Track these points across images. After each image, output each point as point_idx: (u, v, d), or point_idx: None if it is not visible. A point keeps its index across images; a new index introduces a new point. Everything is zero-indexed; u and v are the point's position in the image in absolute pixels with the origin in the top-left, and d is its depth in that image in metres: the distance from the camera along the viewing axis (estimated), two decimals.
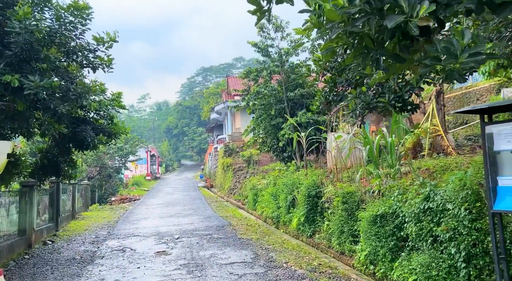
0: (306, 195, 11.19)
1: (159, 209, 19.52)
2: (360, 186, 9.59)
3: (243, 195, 21.58)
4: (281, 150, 19.41)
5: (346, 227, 8.98)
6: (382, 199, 7.95)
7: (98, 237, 12.75)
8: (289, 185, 13.11)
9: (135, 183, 37.58)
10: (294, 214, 12.27)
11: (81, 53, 7.78)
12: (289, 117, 17.59)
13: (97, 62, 8.22)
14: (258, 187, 17.68)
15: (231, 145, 30.57)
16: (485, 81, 18.47)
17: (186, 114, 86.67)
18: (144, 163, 47.49)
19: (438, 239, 6.22)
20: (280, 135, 18.49)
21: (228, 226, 13.52)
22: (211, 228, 13.12)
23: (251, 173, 22.73)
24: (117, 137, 12.35)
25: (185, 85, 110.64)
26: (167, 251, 9.98)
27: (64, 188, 16.23)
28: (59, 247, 11.15)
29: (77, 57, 7.96)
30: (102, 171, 31.52)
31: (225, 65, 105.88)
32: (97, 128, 11.99)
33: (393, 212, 7.33)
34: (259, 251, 9.34)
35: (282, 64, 19.83)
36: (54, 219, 14.03)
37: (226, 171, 28.25)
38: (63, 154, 12.08)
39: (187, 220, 15.19)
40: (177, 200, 23.40)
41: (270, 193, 14.88)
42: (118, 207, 23.11)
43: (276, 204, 14.12)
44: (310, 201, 11.09)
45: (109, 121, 12.34)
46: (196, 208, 19.25)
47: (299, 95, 19.01)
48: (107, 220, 16.94)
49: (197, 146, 78.87)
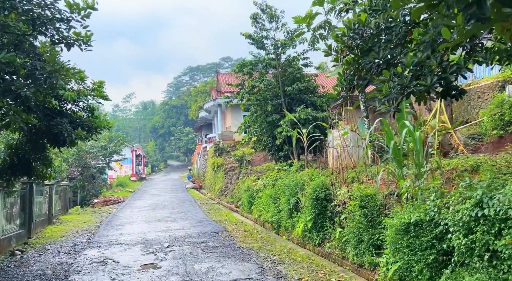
0: (314, 197, 9.91)
1: (146, 213, 18.02)
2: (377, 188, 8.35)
3: (236, 197, 20.23)
4: (277, 148, 18.11)
5: (366, 236, 7.71)
6: (413, 204, 6.70)
7: (76, 245, 11.26)
8: (291, 187, 11.82)
9: (119, 184, 35.87)
10: (298, 219, 10.98)
11: (51, 24, 6.34)
12: (287, 113, 16.29)
13: (72, 37, 6.76)
14: (253, 188, 16.35)
15: (222, 144, 29.18)
16: (487, 78, 17.51)
17: (173, 113, 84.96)
18: (129, 163, 45.68)
19: (498, 255, 4.99)
20: (277, 132, 17.20)
21: (223, 232, 12.16)
22: (205, 235, 11.73)
23: (244, 174, 21.38)
24: (98, 131, 10.87)
25: (172, 85, 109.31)
26: (156, 263, 8.57)
27: (40, 189, 14.64)
28: (29, 258, 9.64)
29: (47, 30, 6.51)
30: (84, 171, 29.81)
31: (213, 65, 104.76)
32: (75, 121, 10.49)
33: (430, 219, 6.08)
34: (265, 264, 8.01)
35: (278, 56, 18.54)
36: (26, 225, 12.46)
37: (217, 172, 26.85)
38: (36, 151, 10.56)
39: (177, 225, 13.76)
40: (164, 203, 21.89)
41: (269, 195, 13.56)
42: (101, 210, 21.51)
43: (276, 207, 12.83)
44: (318, 204, 9.81)
45: (89, 114, 10.86)
46: (186, 211, 17.80)
47: (297, 90, 17.74)
48: (87, 225, 15.41)
49: (184, 146, 77.17)
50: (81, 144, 29.84)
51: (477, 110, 18.34)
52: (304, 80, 18.41)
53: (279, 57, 18.63)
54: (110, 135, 34.24)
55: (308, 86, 18.09)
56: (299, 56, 18.47)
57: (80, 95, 10.39)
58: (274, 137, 17.88)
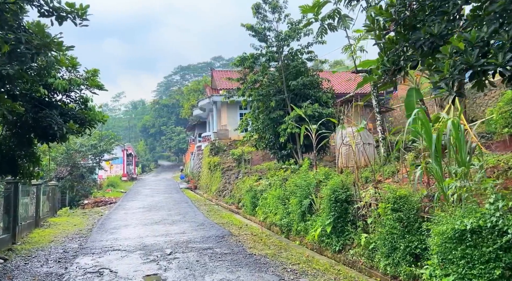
0: (333, 199, 8.93)
1: (141, 214, 16.89)
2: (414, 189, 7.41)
3: (235, 197, 19.19)
4: (280, 147, 17.13)
5: (402, 243, 6.75)
6: (466, 207, 5.75)
7: (67, 251, 10.12)
8: (303, 187, 10.85)
9: (110, 184, 34.54)
10: (313, 223, 10.01)
11: None
12: (295, 107, 15.31)
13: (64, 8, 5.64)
14: (257, 188, 15.33)
15: (218, 143, 28.11)
16: None
17: (164, 112, 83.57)
18: (120, 163, 44.27)
19: None
20: (281, 129, 16.22)
21: (229, 236, 11.12)
22: (210, 240, 10.68)
23: (244, 173, 20.34)
24: (92, 125, 9.79)
25: (162, 84, 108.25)
26: (159, 274, 7.51)
27: (26, 189, 13.44)
28: (13, 267, 8.49)
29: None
30: (73, 171, 28.51)
31: (204, 64, 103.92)
32: (67, 113, 9.41)
33: (492, 226, 5.12)
34: (286, 275, 7.00)
35: (280, 49, 17.55)
36: (10, 229, 11.25)
37: (213, 171, 25.77)
38: (22, 146, 9.44)
39: (177, 229, 12.68)
40: (160, 204, 20.74)
41: (276, 196, 12.56)
42: (92, 211, 20.29)
43: (285, 209, 11.85)
44: (338, 207, 8.83)
45: (82, 106, 9.78)
46: (184, 213, 16.71)
47: (301, 85, 16.77)
48: (78, 228, 14.24)
49: (175, 146, 75.81)
50: (70, 143, 28.57)
51: (483, 108, 17.61)
52: (309, 75, 17.46)
53: (282, 50, 17.65)
54: (100, 134, 32.95)
55: (312, 81, 17.15)
56: (303, 49, 17.51)
57: (72, 84, 9.29)
58: (277, 135, 16.90)
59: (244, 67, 17.73)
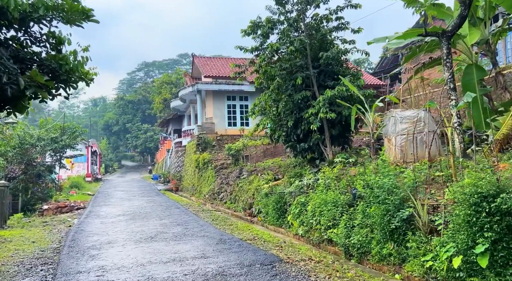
0: (482, 209, 5.38)
1: (125, 225, 12.68)
2: None
3: (240, 201, 15.35)
4: (298, 138, 13.47)
5: None
6: None
7: None
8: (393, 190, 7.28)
9: (73, 185, 29.56)
10: (421, 247, 6.44)
11: None
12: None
13: None
14: (285, 190, 11.63)
15: (206, 138, 24.13)
16: None
17: (129, 109, 77.95)
18: (84, 161, 39.00)
19: None
20: (308, 115, 12.55)
21: (279, 263, 7.32)
22: (255, 271, 6.82)
23: (250, 172, 16.51)
24: (71, 82, 5.77)
25: (125, 81, 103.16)
26: None
27: None
28: None
29: None
30: (28, 170, 23.64)
31: (170, 61, 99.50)
32: (26, 58, 5.36)
33: None
34: None
35: (303, 14, 13.89)
36: None
37: (203, 170, 21.75)
38: None
39: (190, 249, 8.70)
40: (144, 210, 16.47)
41: (332, 202, 8.89)
42: (55, 220, 15.72)
43: (349, 221, 8.24)
44: (494, 222, 5.29)
45: (52, 48, 5.73)
46: (184, 223, 12.65)
47: (331, 59, 13.22)
48: (39, 248, 9.95)
49: (141, 145, 70.51)
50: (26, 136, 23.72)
51: None
52: (337, 48, 13.92)
53: (304, 16, 14.00)
54: (62, 125, 28.08)
55: (343, 51, 13.65)
56: (330, 16, 13.92)
57: (36, 7, 5.25)
58: (297, 123, 13.23)
59: (256, 35, 13.92)
